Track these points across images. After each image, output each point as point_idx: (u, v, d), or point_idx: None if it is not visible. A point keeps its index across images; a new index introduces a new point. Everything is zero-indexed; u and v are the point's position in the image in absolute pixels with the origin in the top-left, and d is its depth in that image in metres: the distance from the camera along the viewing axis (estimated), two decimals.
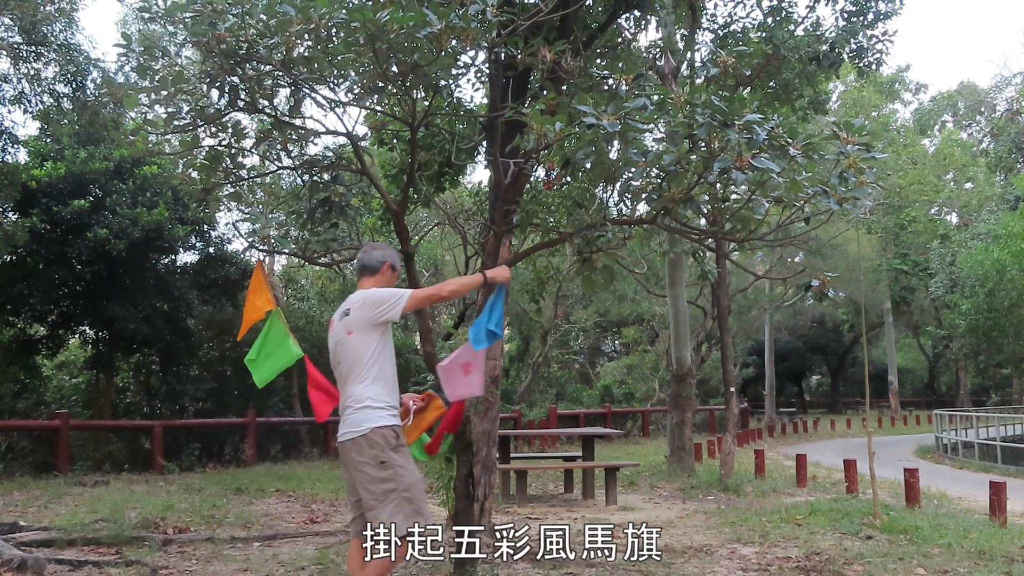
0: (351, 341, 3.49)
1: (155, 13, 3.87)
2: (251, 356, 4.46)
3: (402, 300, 3.49)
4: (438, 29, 3.47)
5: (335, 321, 3.63)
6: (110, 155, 12.15)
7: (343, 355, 3.52)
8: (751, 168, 3.55)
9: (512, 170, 4.69)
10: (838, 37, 10.65)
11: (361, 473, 3.39)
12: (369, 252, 3.74)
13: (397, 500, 3.36)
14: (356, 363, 3.48)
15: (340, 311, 3.61)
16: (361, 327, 3.48)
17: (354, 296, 3.60)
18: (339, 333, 3.55)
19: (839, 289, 24.42)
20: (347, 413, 3.48)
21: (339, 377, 3.59)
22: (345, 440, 3.46)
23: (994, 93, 37.66)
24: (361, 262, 3.72)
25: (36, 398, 12.66)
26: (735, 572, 5.37)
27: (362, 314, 3.49)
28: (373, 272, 3.68)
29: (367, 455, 3.38)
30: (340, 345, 3.53)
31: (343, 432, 3.48)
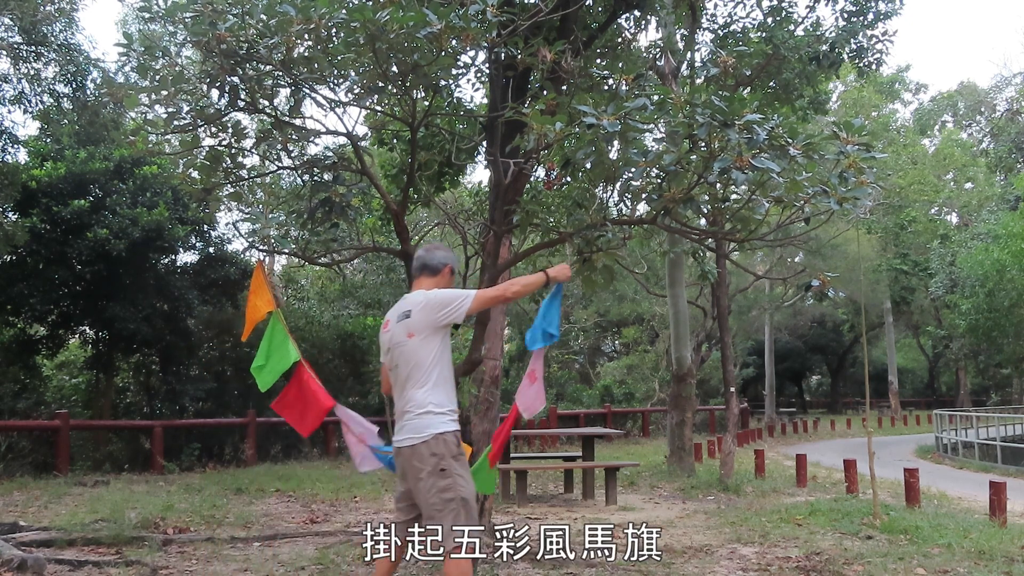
0: (412, 344, 3.36)
1: (155, 13, 3.87)
2: (258, 362, 4.38)
3: (467, 302, 3.37)
4: (438, 29, 3.48)
5: (391, 322, 3.49)
6: (110, 155, 12.15)
7: (402, 359, 3.39)
8: (751, 168, 3.55)
9: (512, 170, 4.69)
10: (838, 37, 10.65)
11: (420, 481, 3.29)
12: (431, 252, 3.62)
13: (457, 509, 3.26)
14: (417, 367, 3.36)
15: (398, 312, 3.47)
16: (423, 330, 3.36)
17: (413, 297, 3.47)
18: (398, 336, 3.41)
19: (839, 289, 24.42)
20: (406, 418, 3.37)
21: (395, 380, 3.47)
22: (404, 446, 3.35)
23: (994, 93, 37.68)
24: (421, 261, 3.59)
25: (36, 398, 12.65)
26: (735, 572, 5.37)
27: (425, 316, 3.37)
28: (433, 273, 3.56)
29: (428, 462, 3.28)
30: (399, 348, 3.40)
31: (402, 438, 3.37)
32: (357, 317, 17.19)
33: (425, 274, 3.57)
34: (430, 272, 3.57)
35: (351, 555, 5.63)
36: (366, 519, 7.64)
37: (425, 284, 3.53)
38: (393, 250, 5.53)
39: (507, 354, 21.60)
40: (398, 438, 3.39)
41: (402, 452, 3.37)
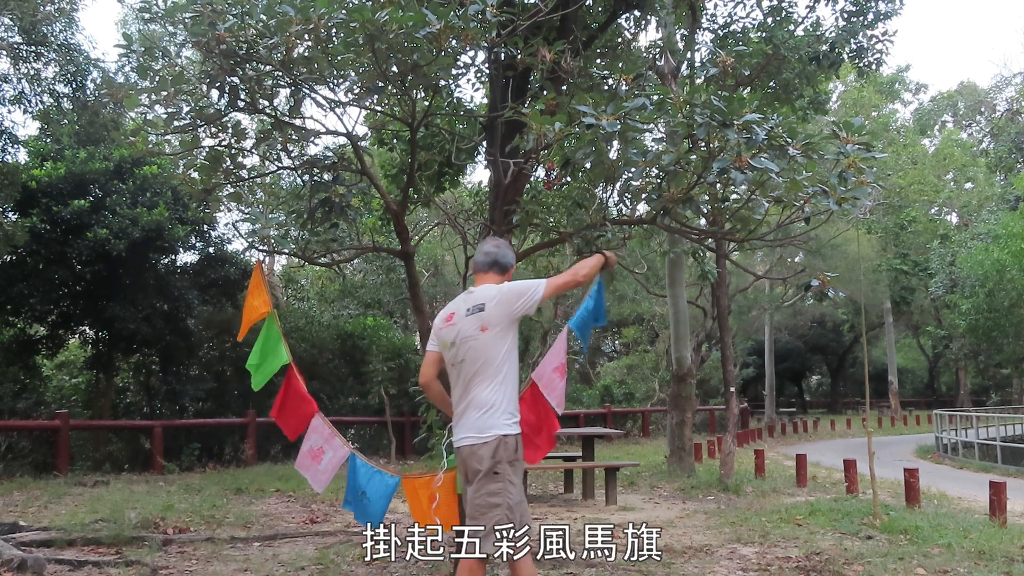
0: (485, 339, 3.27)
1: (155, 13, 3.88)
2: (253, 360, 4.42)
3: (540, 290, 3.32)
4: (437, 29, 3.48)
5: (458, 316, 3.37)
6: (110, 155, 12.14)
7: (471, 353, 3.29)
8: (751, 168, 3.55)
9: (512, 170, 4.69)
10: (838, 37, 10.65)
11: (474, 482, 3.25)
12: (503, 249, 3.57)
13: (500, 516, 3.21)
14: (487, 363, 3.27)
15: (468, 306, 3.35)
16: (499, 323, 3.28)
17: (483, 290, 3.38)
18: (469, 329, 3.30)
19: (839, 289, 24.40)
20: (469, 417, 3.29)
21: (459, 375, 3.35)
22: (464, 445, 3.28)
23: (994, 93, 37.69)
24: (492, 256, 3.50)
25: (36, 398, 12.65)
26: (735, 572, 5.37)
27: (502, 309, 3.28)
28: (502, 271, 3.49)
29: (485, 464, 3.22)
30: (468, 342, 3.29)
31: (463, 436, 3.29)
32: (357, 317, 17.20)
33: (494, 271, 3.48)
34: (500, 270, 3.49)
35: (351, 555, 5.63)
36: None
37: (491, 280, 3.46)
38: (393, 250, 5.54)
39: None
40: (459, 435, 3.31)
41: (461, 451, 3.30)
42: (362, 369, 15.48)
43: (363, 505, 4.03)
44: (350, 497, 4.14)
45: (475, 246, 6.21)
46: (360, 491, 4.06)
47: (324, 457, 4.15)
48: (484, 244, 3.60)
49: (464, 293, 3.47)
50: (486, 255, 3.52)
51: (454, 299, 3.54)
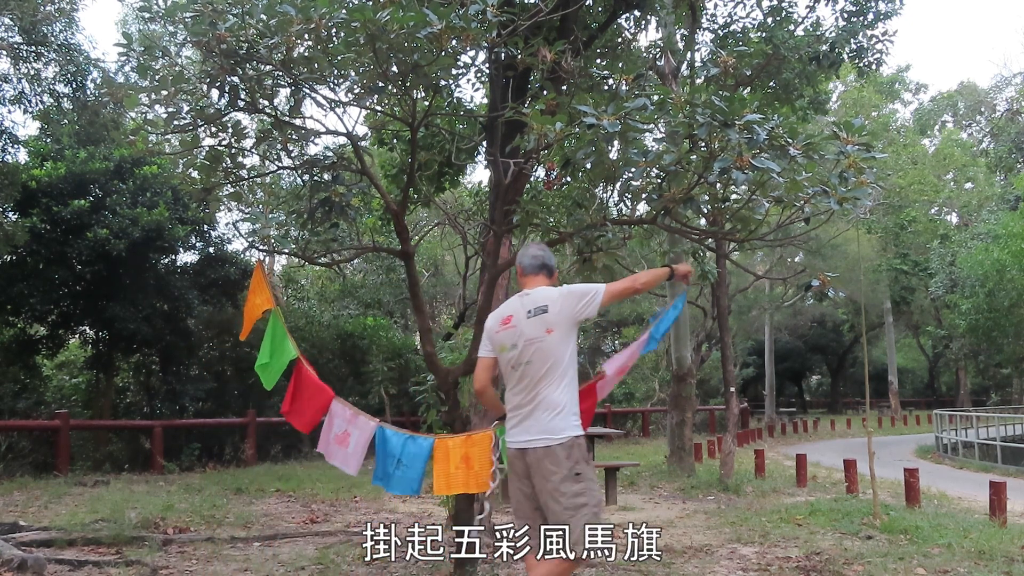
0: (551, 340, 3.29)
1: (155, 13, 3.87)
2: (262, 360, 4.43)
3: (599, 295, 3.35)
4: (438, 29, 3.47)
5: (517, 318, 3.38)
6: (110, 155, 12.14)
7: (538, 355, 3.29)
8: (751, 168, 3.55)
9: (512, 170, 4.69)
10: (838, 37, 10.65)
11: (551, 484, 3.22)
12: (549, 253, 3.62)
13: (588, 515, 3.23)
14: (555, 364, 3.29)
15: (528, 308, 3.36)
16: (563, 325, 3.31)
17: (543, 293, 3.40)
18: (533, 331, 3.31)
19: (839, 289, 24.41)
20: (539, 418, 3.27)
21: (523, 377, 3.34)
22: (537, 447, 3.25)
23: (994, 93, 37.69)
24: (540, 260, 3.54)
25: (36, 398, 12.65)
26: (735, 572, 5.37)
27: (566, 311, 3.31)
28: (550, 274, 3.54)
29: (564, 466, 3.21)
30: (535, 344, 3.30)
31: (532, 438, 3.27)
32: (357, 317, 17.20)
33: (543, 273, 3.53)
34: (548, 272, 3.54)
35: (351, 555, 5.63)
36: (366, 519, 7.65)
37: (541, 282, 3.49)
38: (393, 250, 5.54)
39: None
40: (525, 437, 3.29)
41: (529, 453, 3.27)
42: (362, 369, 15.48)
43: (400, 474, 4.11)
44: (381, 472, 4.19)
45: (475, 246, 6.21)
46: (395, 460, 4.13)
47: (351, 439, 4.19)
48: (530, 248, 3.63)
49: (517, 296, 3.48)
50: (534, 258, 3.55)
51: (506, 302, 3.57)
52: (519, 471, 3.36)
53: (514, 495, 3.42)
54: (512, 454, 3.36)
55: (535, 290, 3.45)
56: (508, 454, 3.41)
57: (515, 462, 3.36)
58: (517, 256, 3.67)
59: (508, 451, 3.41)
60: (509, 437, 3.39)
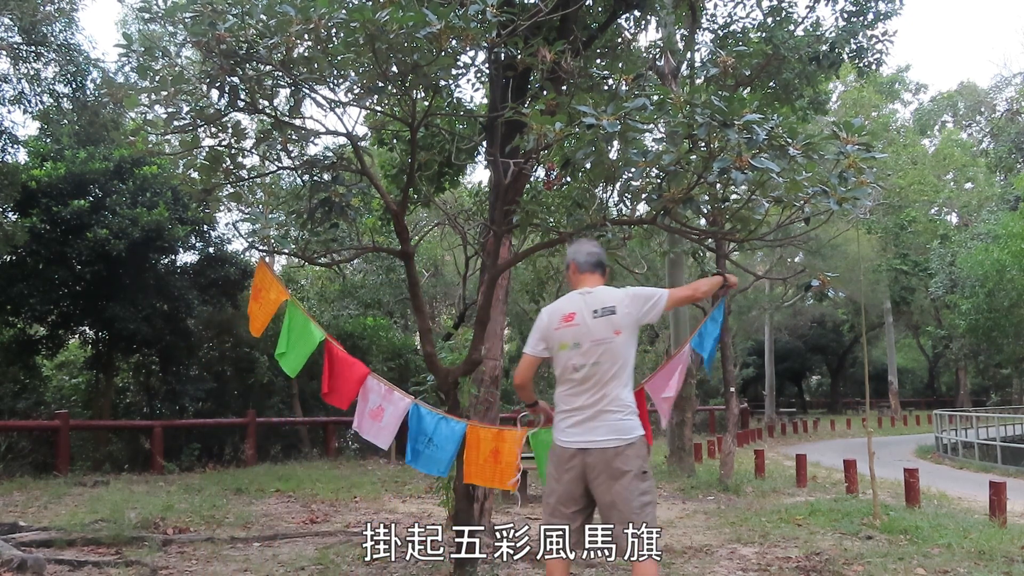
0: (619, 341, 3.28)
1: (155, 13, 3.87)
2: (280, 350, 4.47)
3: (663, 300, 3.37)
4: (438, 29, 3.47)
5: (580, 316, 3.32)
6: (110, 155, 12.14)
7: (606, 356, 3.27)
8: (751, 168, 3.55)
9: (512, 170, 4.69)
10: (838, 37, 10.66)
11: (620, 483, 3.20)
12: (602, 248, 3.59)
13: (653, 513, 3.25)
14: (624, 365, 3.29)
15: (594, 307, 3.32)
16: (629, 327, 3.30)
17: (607, 293, 3.37)
18: (601, 331, 3.28)
19: (839, 289, 24.40)
20: (607, 419, 3.25)
21: (589, 377, 3.28)
22: (607, 447, 3.22)
23: (994, 93, 37.68)
24: (597, 257, 3.51)
25: (36, 398, 12.65)
26: (735, 572, 5.37)
27: (633, 313, 3.31)
28: (604, 273, 3.51)
29: (634, 464, 3.22)
30: (603, 345, 3.27)
31: (600, 438, 3.23)
32: (357, 317, 17.20)
33: (599, 271, 3.49)
34: (603, 271, 3.51)
35: (351, 555, 5.63)
36: (366, 519, 7.65)
37: (596, 280, 3.47)
38: (393, 250, 5.53)
39: (507, 354, 21.60)
40: (591, 437, 3.25)
41: (594, 453, 3.23)
42: None
43: (429, 453, 4.13)
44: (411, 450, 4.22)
45: (475, 246, 6.20)
46: (427, 439, 4.16)
47: (385, 413, 4.23)
48: (584, 244, 3.57)
49: (577, 293, 3.43)
50: (590, 255, 3.49)
51: (564, 298, 3.49)
52: (573, 471, 3.28)
53: (559, 495, 3.33)
54: (568, 453, 3.29)
55: (597, 289, 3.40)
56: (561, 454, 3.32)
57: (570, 462, 3.28)
58: (568, 253, 3.59)
59: (562, 450, 3.32)
60: (565, 436, 3.32)
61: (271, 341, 13.36)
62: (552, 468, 3.37)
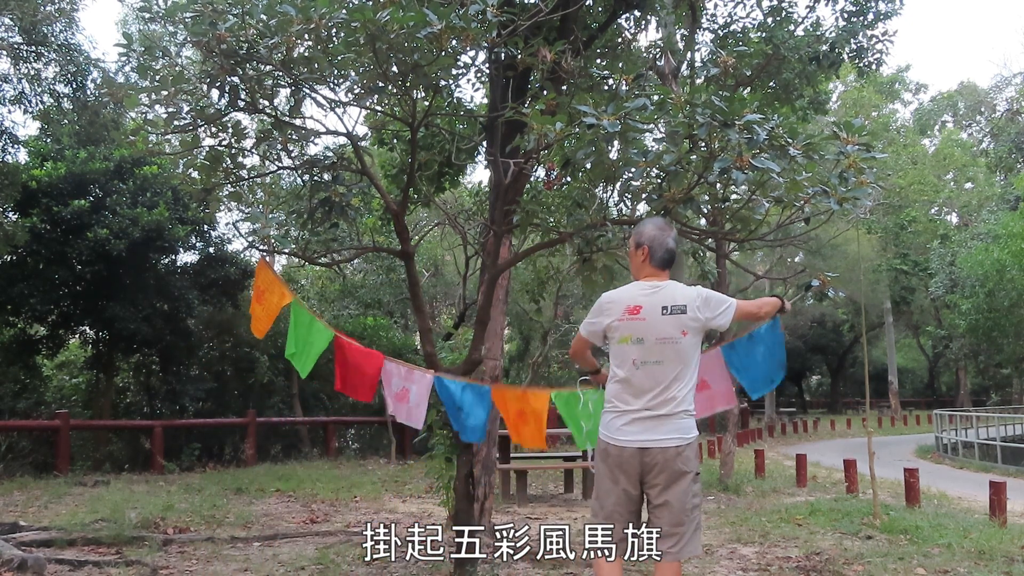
0: (687, 342, 3.16)
1: (155, 13, 3.87)
2: (291, 350, 4.47)
3: (732, 310, 3.23)
4: (438, 29, 3.47)
5: (648, 311, 3.17)
6: (110, 155, 12.15)
7: (674, 355, 3.15)
8: (751, 168, 3.55)
9: (512, 170, 4.69)
10: (838, 37, 10.66)
11: (678, 485, 3.13)
12: (677, 244, 3.37)
13: (700, 516, 3.22)
14: (687, 367, 3.18)
15: (664, 304, 3.17)
16: (696, 330, 3.19)
17: (678, 291, 3.22)
18: (669, 330, 3.15)
19: (839, 289, 24.36)
20: (669, 418, 3.15)
21: (652, 375, 3.15)
22: (668, 447, 3.12)
23: (994, 93, 37.68)
24: (672, 252, 3.28)
25: (36, 398, 12.66)
26: (735, 572, 5.37)
27: (703, 317, 3.19)
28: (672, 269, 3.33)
29: (691, 465, 3.16)
30: (669, 344, 3.15)
31: (662, 437, 3.13)
32: (357, 317, 17.20)
33: (668, 270, 3.30)
34: (671, 269, 3.32)
35: (351, 555, 5.63)
36: (366, 519, 7.65)
37: (666, 277, 3.29)
38: (393, 250, 5.54)
39: (507, 354, 21.61)
40: (652, 436, 3.13)
41: (654, 452, 3.13)
42: None
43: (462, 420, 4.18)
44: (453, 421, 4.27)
45: (475, 246, 6.21)
46: (456, 407, 4.18)
47: (411, 393, 4.25)
48: (664, 234, 3.29)
49: (647, 285, 3.24)
50: (668, 252, 3.27)
51: (628, 288, 3.29)
52: (630, 471, 3.16)
53: (614, 495, 3.19)
54: (627, 453, 3.14)
55: (667, 284, 3.24)
56: (618, 454, 3.17)
57: (627, 461, 3.15)
58: (645, 236, 3.30)
59: (619, 450, 3.16)
60: (622, 435, 3.17)
61: (271, 341, 13.38)
62: (606, 470, 3.21)
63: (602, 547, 3.12)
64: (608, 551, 3.13)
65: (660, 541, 3.14)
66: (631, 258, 3.39)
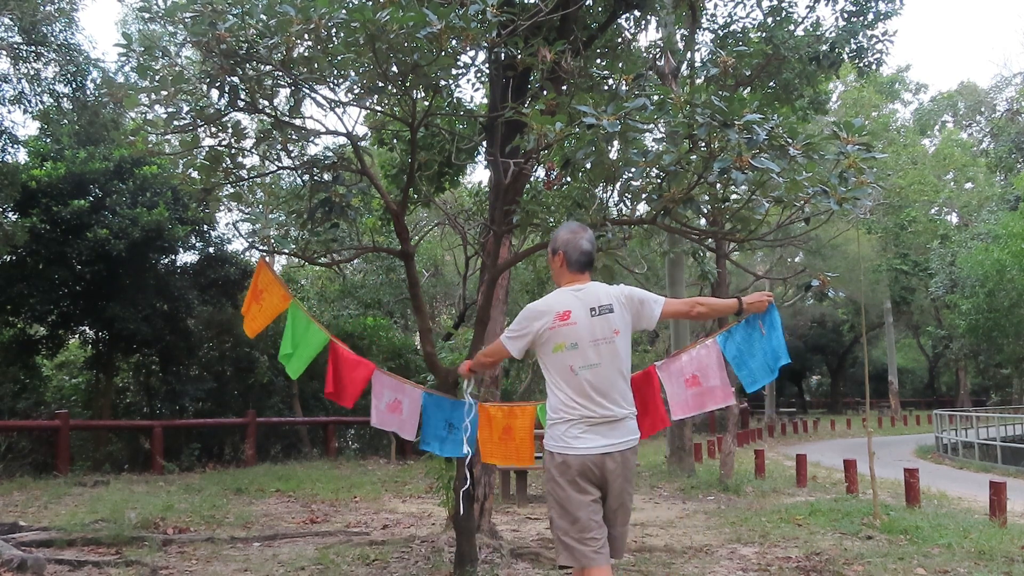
0: (620, 342, 3.13)
1: (155, 13, 3.87)
2: (285, 351, 4.47)
3: (658, 308, 3.21)
4: (438, 29, 3.47)
5: (577, 315, 3.11)
6: (110, 155, 12.15)
7: (610, 356, 3.11)
8: (751, 168, 3.55)
9: (512, 170, 4.69)
10: (838, 37, 10.66)
11: (631, 483, 3.15)
12: (595, 245, 3.31)
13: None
14: (625, 366, 3.16)
15: (591, 305, 3.12)
16: (627, 328, 3.17)
17: (602, 290, 3.19)
18: (602, 331, 3.11)
19: (839, 289, 24.43)
20: (625, 421, 3.13)
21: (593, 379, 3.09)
22: (625, 449, 3.10)
23: (994, 93, 37.70)
24: (591, 257, 3.25)
25: (36, 398, 12.66)
26: (735, 572, 5.37)
27: (630, 314, 3.18)
28: (593, 270, 3.32)
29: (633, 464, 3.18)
30: (603, 345, 3.10)
31: (620, 440, 3.09)
32: (357, 317, 17.20)
33: (589, 271, 3.27)
34: (591, 270, 3.30)
35: (351, 555, 5.63)
36: (366, 519, 7.65)
37: (587, 280, 3.25)
38: (393, 250, 5.53)
39: None
40: (610, 441, 3.08)
41: (615, 457, 3.09)
42: None
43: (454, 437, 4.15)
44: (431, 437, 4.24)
45: (475, 246, 6.20)
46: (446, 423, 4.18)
47: (403, 406, 4.25)
48: (579, 239, 3.24)
49: (570, 289, 3.20)
50: (583, 254, 3.23)
51: (556, 295, 3.22)
52: (593, 478, 3.08)
53: (587, 506, 3.08)
54: (590, 460, 3.05)
55: (588, 286, 3.20)
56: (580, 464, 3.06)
57: (591, 469, 3.06)
58: (559, 240, 3.26)
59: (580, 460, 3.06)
60: (581, 444, 3.06)
61: (271, 341, 13.38)
62: (568, 482, 3.08)
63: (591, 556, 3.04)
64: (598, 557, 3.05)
65: (614, 541, 3.15)
66: (551, 266, 3.36)
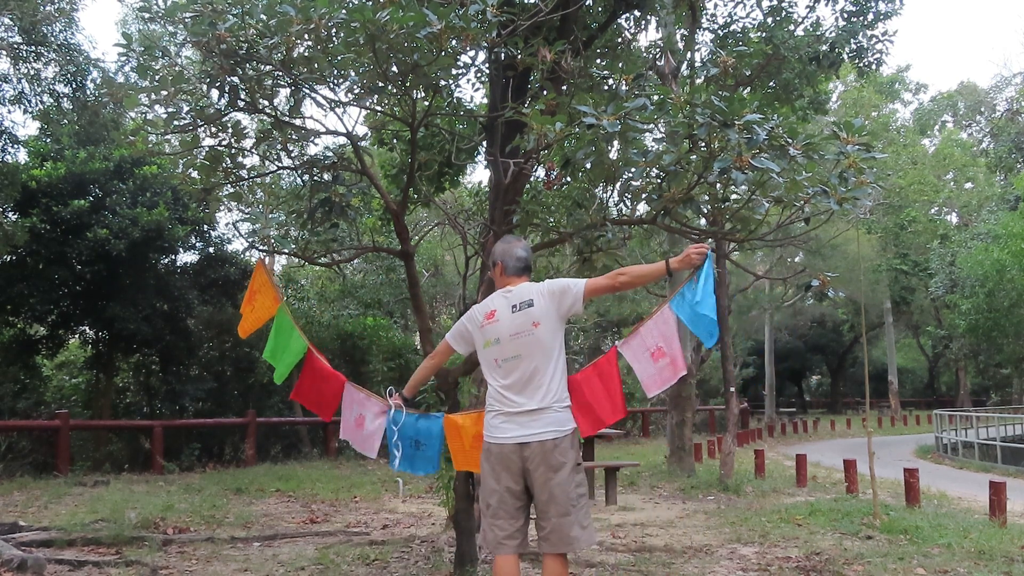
0: (539, 333, 3.28)
1: (155, 13, 3.87)
2: (267, 354, 4.47)
3: (581, 289, 3.32)
4: (438, 29, 3.47)
5: (501, 313, 3.36)
6: (110, 155, 12.15)
7: (527, 348, 3.28)
8: (751, 168, 3.55)
9: (512, 170, 4.69)
10: (838, 37, 10.65)
11: (558, 476, 3.21)
12: (530, 252, 3.57)
13: (585, 504, 3.30)
14: (547, 358, 3.29)
15: (513, 303, 3.35)
16: (549, 318, 3.30)
17: (525, 288, 3.40)
18: (520, 325, 3.30)
19: (839, 289, 24.43)
20: (542, 411, 3.25)
21: (513, 371, 3.29)
22: (545, 439, 3.21)
23: (994, 93, 37.71)
24: (525, 261, 3.49)
25: (36, 398, 12.65)
26: (735, 572, 5.37)
27: (552, 304, 3.32)
28: (530, 274, 3.52)
29: (570, 456, 3.24)
30: (523, 338, 3.28)
31: (538, 431, 3.23)
32: (357, 317, 17.20)
33: (526, 274, 3.50)
34: (528, 274, 3.52)
35: (351, 555, 5.62)
36: (366, 519, 7.65)
37: (524, 282, 3.47)
38: (393, 250, 5.53)
39: None
40: (528, 431, 3.23)
41: (532, 446, 3.22)
42: (362, 369, 15.48)
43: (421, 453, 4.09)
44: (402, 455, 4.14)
45: (475, 246, 6.21)
46: (413, 440, 4.11)
47: (366, 421, 4.21)
48: (514, 247, 3.51)
49: (500, 293, 3.45)
50: (519, 260, 3.48)
51: (489, 298, 3.50)
52: (512, 467, 3.26)
53: (498, 494, 3.29)
54: (507, 449, 3.25)
55: (518, 287, 3.42)
56: (498, 452, 3.27)
57: (508, 458, 3.25)
58: (496, 252, 3.54)
59: (499, 448, 3.27)
60: (500, 433, 3.28)
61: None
62: (488, 467, 3.33)
63: (495, 543, 3.23)
64: (501, 547, 3.23)
65: (551, 533, 3.20)
66: (493, 277, 3.59)
